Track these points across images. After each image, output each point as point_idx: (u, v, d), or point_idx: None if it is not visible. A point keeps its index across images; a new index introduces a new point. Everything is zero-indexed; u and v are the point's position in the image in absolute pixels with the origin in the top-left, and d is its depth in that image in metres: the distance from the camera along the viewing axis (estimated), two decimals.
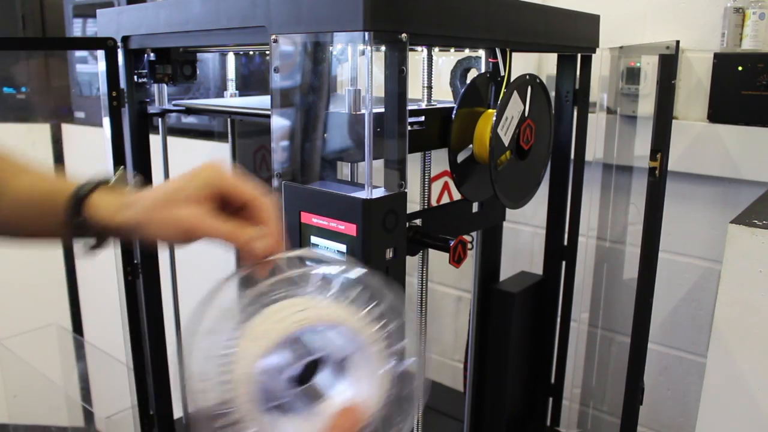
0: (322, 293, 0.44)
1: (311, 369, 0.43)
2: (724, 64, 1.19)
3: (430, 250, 0.91)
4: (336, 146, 0.81)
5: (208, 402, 0.41)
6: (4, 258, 1.78)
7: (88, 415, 1.84)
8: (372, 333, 0.43)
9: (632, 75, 1.30)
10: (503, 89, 0.91)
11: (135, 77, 1.12)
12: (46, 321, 2.05)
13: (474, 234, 1.11)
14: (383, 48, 0.71)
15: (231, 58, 1.31)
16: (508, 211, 1.10)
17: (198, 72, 1.21)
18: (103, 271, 0.32)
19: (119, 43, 1.09)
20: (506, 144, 0.93)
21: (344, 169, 1.13)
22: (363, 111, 0.74)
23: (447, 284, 1.71)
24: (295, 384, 0.43)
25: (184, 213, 0.47)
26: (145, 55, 1.12)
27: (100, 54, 1.09)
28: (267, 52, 1.23)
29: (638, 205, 1.29)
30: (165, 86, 1.17)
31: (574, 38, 1.07)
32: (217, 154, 1.63)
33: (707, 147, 1.24)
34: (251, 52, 1.47)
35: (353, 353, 0.43)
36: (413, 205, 0.91)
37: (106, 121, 1.12)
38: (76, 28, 2.03)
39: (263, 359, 0.41)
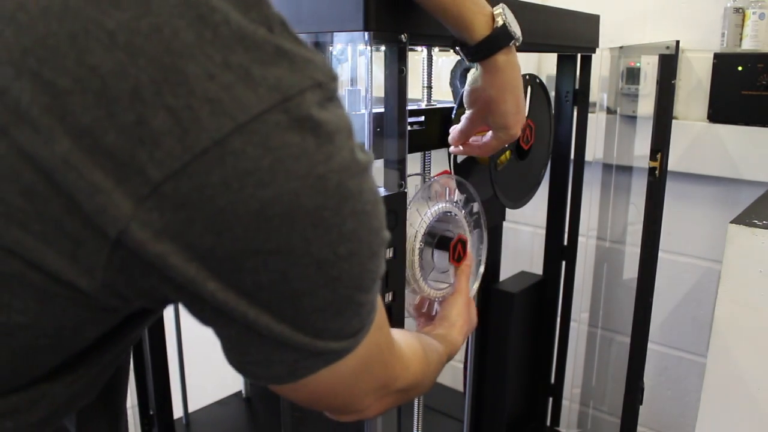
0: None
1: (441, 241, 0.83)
2: (724, 64, 1.19)
3: None
4: None
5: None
6: None
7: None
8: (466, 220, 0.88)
9: (632, 75, 1.30)
10: None
11: None
12: None
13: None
14: (383, 48, 0.71)
15: None
16: (508, 211, 1.10)
17: None
18: None
19: None
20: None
21: None
22: (363, 111, 0.74)
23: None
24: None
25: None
26: None
27: None
28: None
29: (638, 205, 1.29)
30: None
31: (574, 38, 1.07)
32: None
33: (707, 147, 1.24)
34: None
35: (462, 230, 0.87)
36: None
37: None
38: None
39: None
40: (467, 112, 0.77)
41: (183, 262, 0.30)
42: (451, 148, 0.83)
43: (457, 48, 0.71)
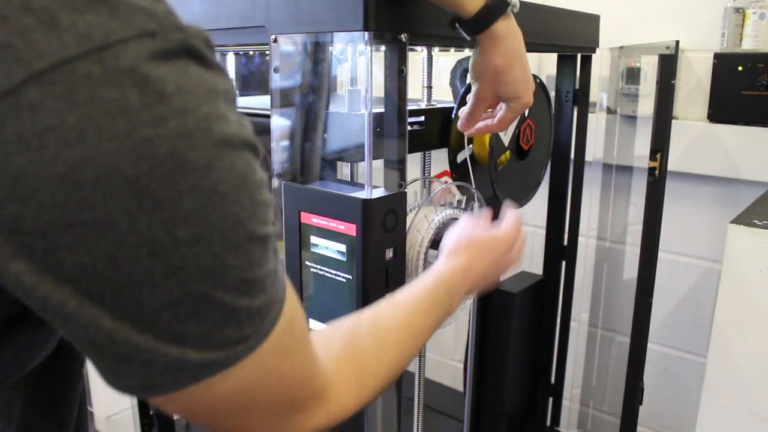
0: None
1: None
2: (724, 64, 1.19)
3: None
4: (336, 146, 0.81)
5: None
6: None
7: (88, 415, 1.85)
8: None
9: (632, 75, 1.30)
10: None
11: None
12: None
13: None
14: (383, 48, 0.71)
15: (231, 58, 1.31)
16: None
17: None
18: None
19: None
20: (506, 144, 0.93)
21: (344, 169, 1.13)
22: (363, 111, 0.74)
23: None
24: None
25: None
26: None
27: None
28: (267, 52, 1.23)
29: (638, 205, 1.29)
30: None
31: (574, 38, 1.07)
32: None
33: (707, 147, 1.24)
34: (251, 52, 1.47)
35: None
36: None
37: None
38: None
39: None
40: (474, 89, 0.74)
41: None
42: (466, 133, 0.80)
43: (456, 26, 0.70)
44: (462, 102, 0.89)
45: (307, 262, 0.77)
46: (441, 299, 0.60)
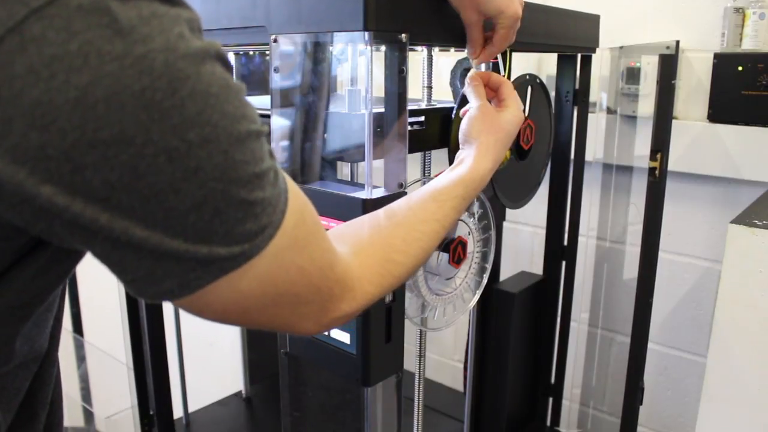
0: None
1: None
2: (724, 64, 1.19)
3: None
4: (336, 146, 0.81)
5: None
6: None
7: (88, 415, 1.85)
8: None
9: (632, 75, 1.30)
10: None
11: None
12: None
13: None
14: (383, 48, 0.71)
15: (231, 58, 1.31)
16: (508, 211, 1.10)
17: None
18: (103, 270, 0.33)
19: None
20: None
21: (344, 169, 1.13)
22: (363, 111, 0.74)
23: None
24: None
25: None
26: None
27: None
28: (267, 52, 1.23)
29: (638, 205, 1.29)
30: None
31: (574, 38, 1.07)
32: None
33: (707, 147, 1.24)
34: (251, 52, 1.47)
35: None
36: None
37: None
38: None
39: None
40: (463, 19, 0.73)
41: (7, 165, 0.29)
42: (473, 62, 0.79)
43: None
44: (462, 102, 0.89)
45: None
46: (470, 197, 0.66)
